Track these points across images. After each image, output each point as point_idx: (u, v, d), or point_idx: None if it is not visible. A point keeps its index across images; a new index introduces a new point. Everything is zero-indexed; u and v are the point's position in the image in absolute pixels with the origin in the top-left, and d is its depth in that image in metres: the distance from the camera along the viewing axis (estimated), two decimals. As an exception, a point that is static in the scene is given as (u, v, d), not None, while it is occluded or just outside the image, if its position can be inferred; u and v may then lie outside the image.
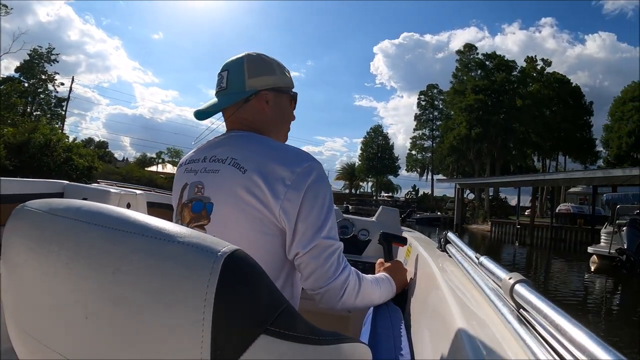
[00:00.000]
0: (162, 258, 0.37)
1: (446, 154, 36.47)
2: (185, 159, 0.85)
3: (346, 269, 0.76)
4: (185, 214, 0.77)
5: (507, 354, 0.47)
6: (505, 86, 33.25)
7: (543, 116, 32.15)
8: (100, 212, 0.44)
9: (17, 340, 0.50)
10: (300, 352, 0.42)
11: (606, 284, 10.41)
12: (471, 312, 0.62)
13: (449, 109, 39.39)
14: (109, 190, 1.86)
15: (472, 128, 32.77)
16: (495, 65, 34.16)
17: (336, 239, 0.75)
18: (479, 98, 32.66)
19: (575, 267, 13.29)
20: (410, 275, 1.13)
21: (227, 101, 0.82)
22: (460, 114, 34.15)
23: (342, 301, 0.75)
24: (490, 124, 32.00)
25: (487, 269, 0.71)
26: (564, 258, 15.32)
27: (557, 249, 17.62)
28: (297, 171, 0.70)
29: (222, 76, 0.84)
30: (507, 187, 19.71)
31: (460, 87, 36.19)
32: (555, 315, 0.44)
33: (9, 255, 0.48)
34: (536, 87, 32.55)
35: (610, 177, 13.60)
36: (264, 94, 0.83)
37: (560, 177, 14.91)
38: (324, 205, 0.72)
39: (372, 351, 0.64)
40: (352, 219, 1.82)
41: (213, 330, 0.34)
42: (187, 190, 0.78)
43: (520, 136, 32.28)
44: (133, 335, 0.37)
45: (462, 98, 34.49)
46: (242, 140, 0.78)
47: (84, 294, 0.40)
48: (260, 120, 0.84)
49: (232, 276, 0.36)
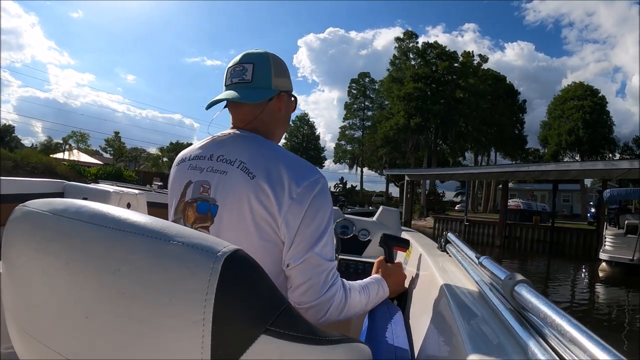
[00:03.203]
0: (163, 258, 0.37)
1: (379, 144, 34.55)
2: (188, 155, 0.82)
3: (333, 287, 0.74)
4: (189, 213, 0.75)
5: (507, 354, 0.47)
6: (446, 76, 32.41)
7: (481, 110, 31.97)
8: (101, 212, 0.44)
9: (17, 340, 0.50)
10: (301, 352, 0.42)
11: (629, 296, 8.34)
12: (471, 312, 0.62)
13: (384, 97, 37.77)
14: (109, 190, 1.99)
15: (410, 117, 31.20)
16: (436, 54, 33.10)
17: (329, 257, 0.73)
18: (419, 86, 31.21)
19: (556, 270, 12.05)
20: (411, 275, 1.13)
21: (255, 97, 0.78)
22: (398, 102, 32.38)
23: (324, 318, 0.74)
24: (430, 113, 30.79)
25: (488, 269, 0.71)
26: (519, 258, 14.23)
27: (511, 248, 16.04)
28: (304, 184, 0.70)
29: (244, 68, 0.80)
30: (479, 179, 18.00)
31: (399, 75, 34.59)
32: (556, 315, 0.44)
33: (9, 255, 0.48)
34: (473, 81, 32.21)
35: (596, 170, 11.82)
36: (283, 95, 0.84)
37: (550, 168, 12.79)
38: (322, 222, 0.72)
39: (372, 351, 0.64)
40: (352, 219, 1.82)
41: (213, 330, 0.34)
42: (191, 188, 0.76)
43: (459, 129, 31.70)
44: (133, 335, 0.37)
45: (400, 86, 32.87)
46: (252, 143, 0.76)
47: (84, 293, 0.40)
48: (272, 121, 0.83)
49: (233, 276, 0.35)
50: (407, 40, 35.75)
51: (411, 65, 34.04)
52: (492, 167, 16.88)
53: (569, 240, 15.09)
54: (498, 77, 34.46)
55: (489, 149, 34.92)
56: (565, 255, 14.90)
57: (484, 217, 22.94)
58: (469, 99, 30.83)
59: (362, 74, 42.57)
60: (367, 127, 40.48)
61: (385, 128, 33.04)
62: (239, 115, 0.82)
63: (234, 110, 0.83)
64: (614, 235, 10.17)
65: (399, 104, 32.17)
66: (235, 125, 0.83)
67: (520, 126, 35.26)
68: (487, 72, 34.40)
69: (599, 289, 9.29)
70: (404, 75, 33.94)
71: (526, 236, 16.44)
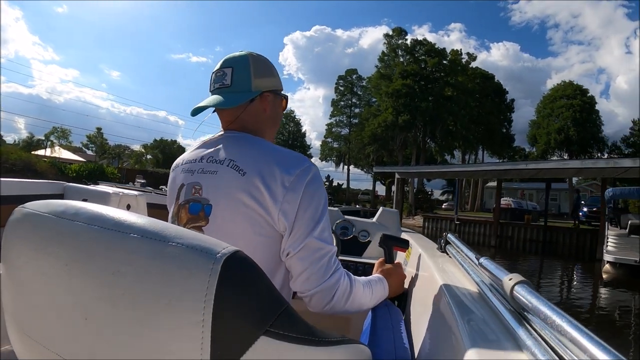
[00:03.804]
0: (162, 259, 0.37)
1: (366, 142, 34.00)
2: (181, 160, 0.84)
3: (337, 273, 0.74)
4: (182, 214, 0.76)
5: (507, 355, 0.47)
6: (435, 74, 32.05)
7: (470, 108, 31.76)
8: (100, 214, 0.44)
9: (17, 341, 0.50)
10: (300, 353, 0.42)
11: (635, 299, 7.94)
12: (471, 312, 0.62)
13: (372, 94, 37.20)
14: (109, 192, 1.97)
15: (399, 114, 30.68)
16: (426, 51, 32.71)
17: (328, 242, 0.74)
18: (407, 83, 30.71)
19: (556, 271, 11.70)
20: (411, 275, 1.13)
21: (234, 100, 0.80)
22: (386, 99, 31.86)
23: (331, 305, 0.74)
24: (418, 110, 30.31)
25: (488, 270, 0.71)
26: (513, 258, 13.80)
27: (504, 248, 15.71)
28: (296, 173, 0.70)
29: (224, 72, 0.82)
30: (475, 177, 17.24)
31: (387, 72, 34.11)
32: (556, 316, 0.44)
33: (9, 256, 0.48)
34: (462, 79, 32.02)
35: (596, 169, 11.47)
36: (266, 95, 0.84)
37: (550, 166, 12.36)
38: (318, 207, 0.72)
39: (372, 352, 0.64)
40: (352, 220, 1.82)
41: (213, 332, 0.34)
42: (184, 191, 0.77)
43: (448, 127, 31.39)
44: (133, 336, 0.37)
45: (389, 83, 32.33)
46: (240, 142, 0.77)
47: (83, 295, 0.40)
48: (258, 121, 0.84)
49: (232, 277, 0.35)
50: (396, 37, 35.35)
51: (400, 62, 33.63)
52: (490, 165, 16.44)
53: (562, 239, 14.84)
54: (486, 76, 34.36)
55: (477, 147, 34.83)
56: (559, 255, 14.62)
57: (474, 215, 22.63)
58: (457, 96, 30.59)
59: (350, 70, 41.86)
60: (354, 125, 39.89)
61: (373, 125, 32.48)
62: (225, 118, 0.84)
63: (220, 113, 0.85)
64: (617, 236, 9.82)
65: (387, 101, 31.65)
66: (224, 128, 0.85)
67: (508, 125, 35.32)
68: (476, 70, 34.28)
69: (604, 291, 8.88)
70: (392, 72, 33.47)
71: (518, 235, 16.12)
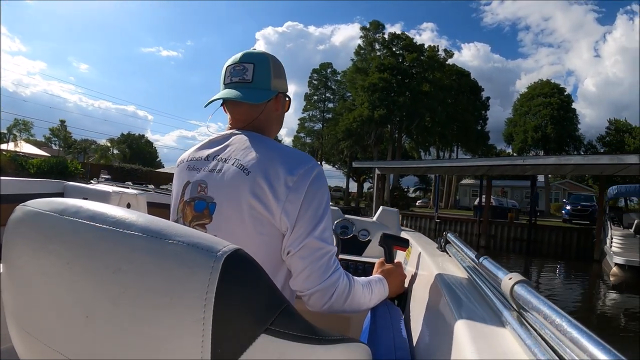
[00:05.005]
0: (163, 257, 0.37)
1: (340, 137, 32.84)
2: (186, 156, 0.84)
3: (336, 273, 0.75)
4: (187, 212, 0.77)
5: (507, 354, 0.47)
6: (412, 68, 31.45)
7: (446, 104, 31.44)
8: (101, 212, 0.44)
9: (18, 339, 0.49)
10: (300, 352, 0.43)
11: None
12: (471, 312, 0.62)
13: (347, 88, 36.08)
14: (109, 191, 2.05)
15: (375, 109, 29.79)
16: (403, 46, 32.01)
17: (329, 242, 0.74)
18: (384, 77, 29.89)
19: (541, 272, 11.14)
20: (411, 275, 1.14)
21: (257, 97, 0.80)
22: (362, 93, 30.91)
23: (329, 304, 0.74)
24: (395, 105, 29.57)
25: (488, 270, 0.71)
26: (499, 258, 13.09)
27: (487, 247, 15.01)
28: (299, 173, 0.71)
29: (245, 67, 0.81)
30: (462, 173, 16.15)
31: (363, 66, 33.10)
32: (556, 315, 0.44)
33: (10, 255, 0.48)
34: (439, 76, 31.59)
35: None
36: (280, 96, 0.86)
37: (549, 162, 11.54)
38: (320, 207, 0.73)
39: (372, 351, 0.64)
40: (352, 219, 1.83)
41: (213, 330, 0.34)
42: (189, 188, 0.78)
43: (424, 123, 30.87)
44: (133, 334, 0.37)
45: (365, 77, 31.37)
46: (248, 141, 0.77)
47: (84, 293, 0.40)
48: (269, 120, 0.85)
49: (233, 275, 0.36)
50: (373, 30, 34.42)
51: (377, 56, 32.76)
52: (480, 160, 15.58)
53: (547, 238, 14.37)
54: (462, 73, 34.33)
55: (452, 144, 34.71)
56: (546, 254, 14.07)
57: (452, 213, 22.08)
58: (435, 92, 30.13)
59: (324, 64, 40.44)
60: (328, 120, 38.64)
61: (348, 120, 31.39)
62: (237, 115, 0.84)
63: (232, 109, 0.84)
64: (623, 236, 9.14)
65: (363, 95, 30.68)
66: (233, 125, 0.84)
67: (483, 122, 35.45)
68: (452, 67, 34.13)
69: (614, 295, 8.08)
70: (369, 65, 32.54)
71: (502, 234, 15.55)
